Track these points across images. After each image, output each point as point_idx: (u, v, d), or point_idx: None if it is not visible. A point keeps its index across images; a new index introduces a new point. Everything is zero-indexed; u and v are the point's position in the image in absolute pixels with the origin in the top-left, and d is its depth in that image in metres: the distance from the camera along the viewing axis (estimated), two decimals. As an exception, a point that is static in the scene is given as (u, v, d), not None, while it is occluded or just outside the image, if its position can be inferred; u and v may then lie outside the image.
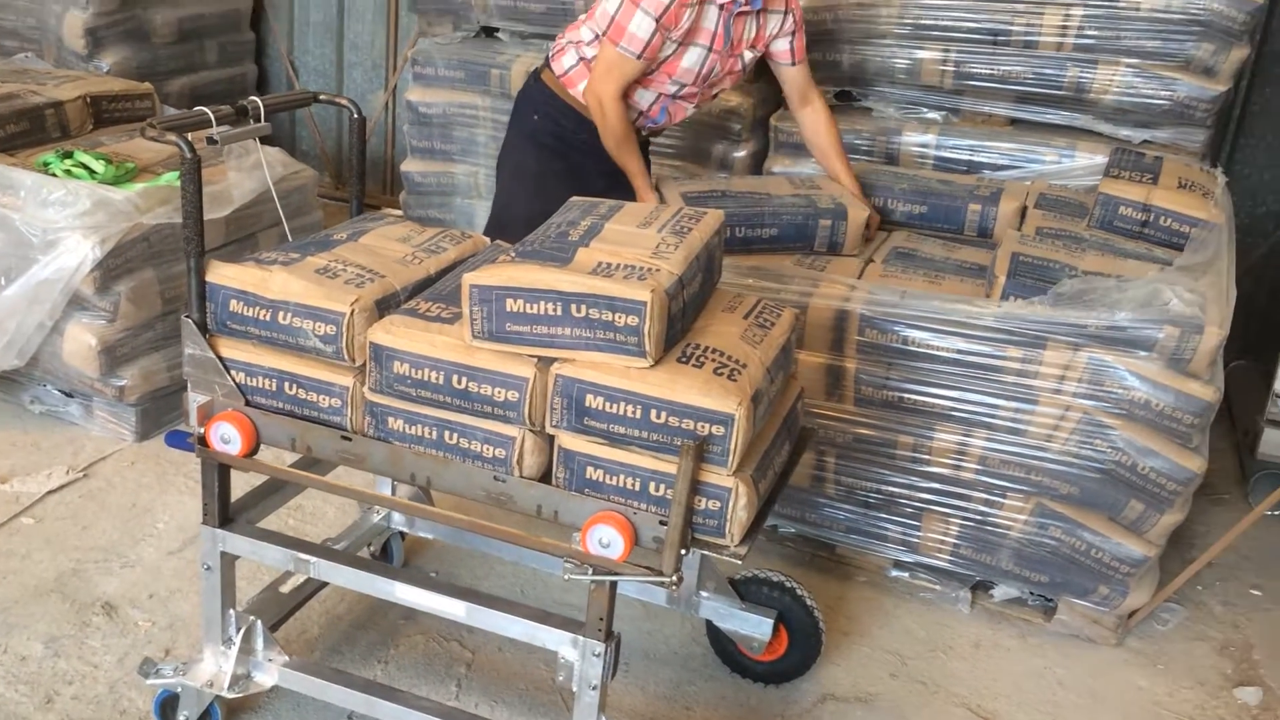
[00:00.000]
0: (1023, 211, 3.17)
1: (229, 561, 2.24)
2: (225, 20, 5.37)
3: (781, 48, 3.11)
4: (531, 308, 1.85)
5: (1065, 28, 3.41)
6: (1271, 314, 4.20)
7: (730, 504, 1.85)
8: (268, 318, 2.01)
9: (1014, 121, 3.64)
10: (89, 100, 3.80)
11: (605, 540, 1.87)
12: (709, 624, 2.57)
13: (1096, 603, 2.74)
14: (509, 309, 1.86)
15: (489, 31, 4.37)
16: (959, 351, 2.65)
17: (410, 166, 4.51)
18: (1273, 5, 4.17)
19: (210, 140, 2.12)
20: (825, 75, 3.74)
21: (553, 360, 1.88)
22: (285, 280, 2.00)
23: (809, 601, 2.47)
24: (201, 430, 2.11)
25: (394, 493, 2.60)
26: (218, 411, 2.10)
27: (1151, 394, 2.53)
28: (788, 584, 2.48)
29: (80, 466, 3.23)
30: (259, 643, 2.26)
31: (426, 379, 1.92)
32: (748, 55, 3.05)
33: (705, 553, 1.94)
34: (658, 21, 2.80)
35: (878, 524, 2.90)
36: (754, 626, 2.44)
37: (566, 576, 1.93)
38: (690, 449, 1.78)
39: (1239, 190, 4.39)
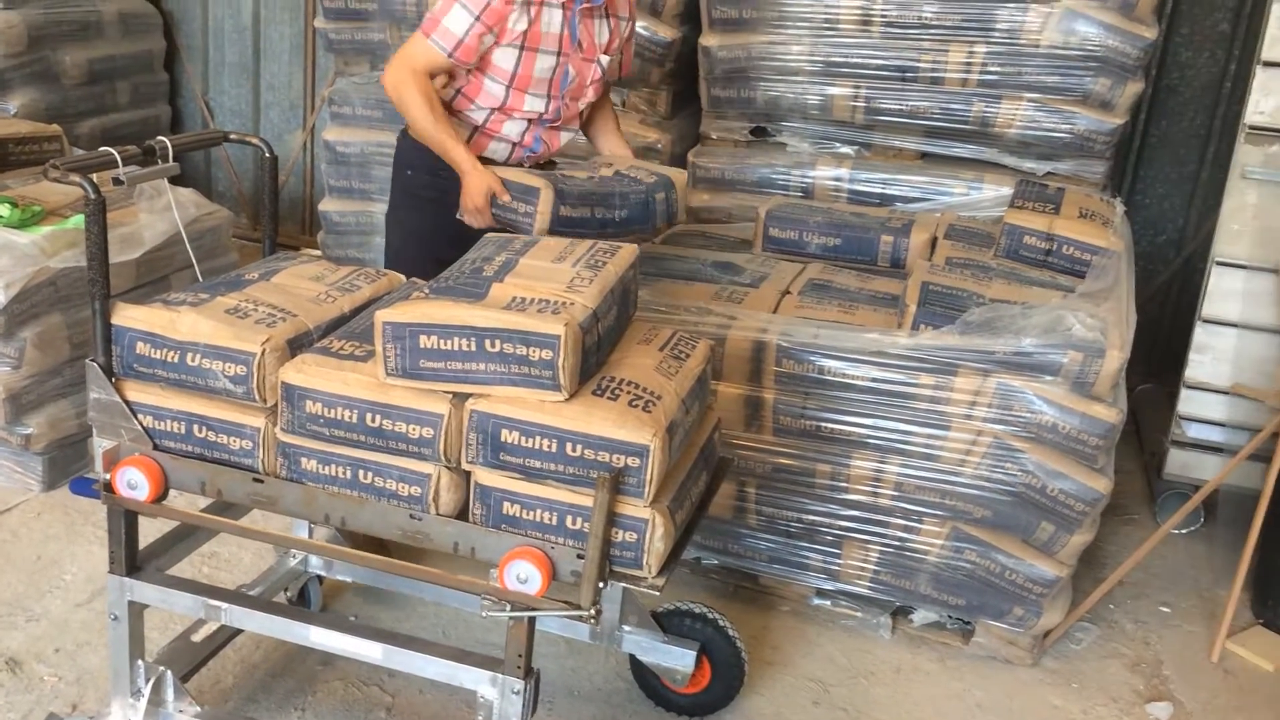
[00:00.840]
0: (933, 242, 3.25)
1: (137, 611, 2.19)
2: (138, 61, 5.30)
3: (611, 65, 2.95)
4: (445, 344, 1.85)
5: (969, 64, 3.51)
6: (1175, 339, 4.34)
7: (647, 535, 1.85)
8: (176, 359, 1.98)
9: (924, 155, 3.74)
10: (-7, 143, 3.71)
11: (523, 576, 1.87)
12: (632, 658, 2.56)
13: (1012, 624, 2.79)
14: (422, 345, 1.86)
15: (406, 71, 4.36)
16: (873, 380, 2.70)
17: (328, 206, 4.47)
18: (1166, 42, 4.36)
19: (116, 181, 2.10)
20: (740, 111, 3.81)
21: (468, 396, 1.88)
22: (194, 321, 1.98)
23: (731, 632, 2.48)
24: (107, 476, 2.06)
25: (310, 535, 2.56)
26: (124, 456, 2.06)
27: (1058, 417, 2.60)
28: (709, 615, 2.48)
29: (-16, 518, 3.13)
30: (169, 694, 2.21)
31: (340, 418, 1.90)
32: (605, 60, 2.87)
33: (626, 586, 1.94)
34: (477, 19, 2.63)
35: (799, 553, 2.92)
36: (676, 659, 2.44)
37: (484, 614, 1.92)
38: (606, 481, 1.79)
39: (1140, 220, 4.55)
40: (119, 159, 2.10)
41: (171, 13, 5.59)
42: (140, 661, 2.20)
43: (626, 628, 2.43)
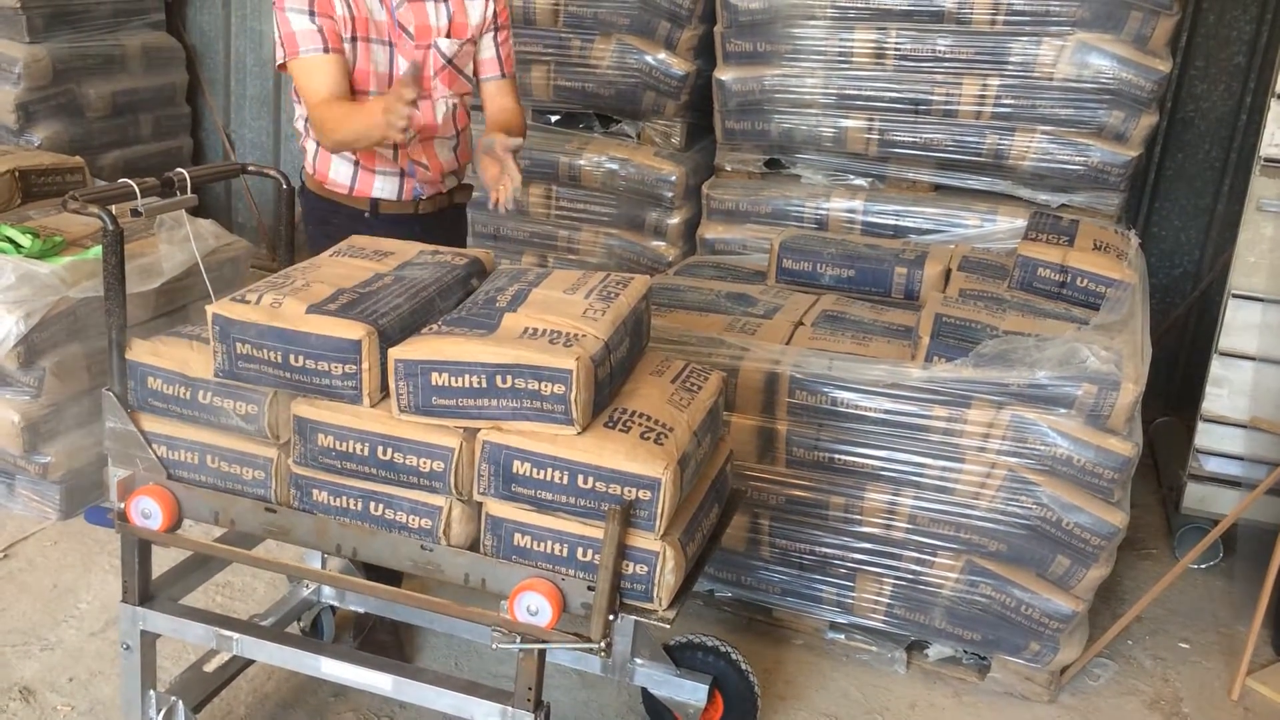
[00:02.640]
0: (947, 274, 3.25)
1: (149, 640, 2.19)
2: (160, 94, 5.37)
3: (488, 55, 2.71)
4: (456, 381, 1.85)
5: (983, 97, 3.53)
6: (1192, 372, 4.32)
7: (658, 568, 1.85)
8: (188, 396, 2.00)
9: (938, 187, 3.75)
10: (17, 174, 3.76)
11: (533, 608, 1.86)
12: (645, 691, 2.55)
13: (1028, 659, 2.76)
14: (434, 383, 1.86)
15: (424, 103, 4.41)
16: (886, 412, 2.69)
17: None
18: (1181, 75, 4.36)
19: (134, 212, 2.12)
20: (754, 143, 3.83)
21: (479, 428, 1.88)
22: (209, 359, 1.98)
23: (744, 666, 2.46)
24: (122, 505, 2.07)
25: (324, 566, 2.57)
26: (139, 486, 2.07)
27: (1073, 450, 2.59)
28: (722, 649, 2.47)
29: (1, 547, 3.15)
30: None
31: (351, 451, 1.91)
32: (446, 44, 2.59)
33: (637, 619, 1.92)
34: (312, 14, 2.44)
35: (813, 586, 2.91)
36: (689, 693, 2.42)
37: (495, 645, 1.92)
38: (616, 513, 1.78)
39: (1156, 252, 4.54)
40: (137, 191, 2.12)
41: (194, 47, 5.67)
42: (152, 691, 2.20)
43: (639, 660, 2.42)
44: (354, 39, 2.50)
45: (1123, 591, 3.30)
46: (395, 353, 1.87)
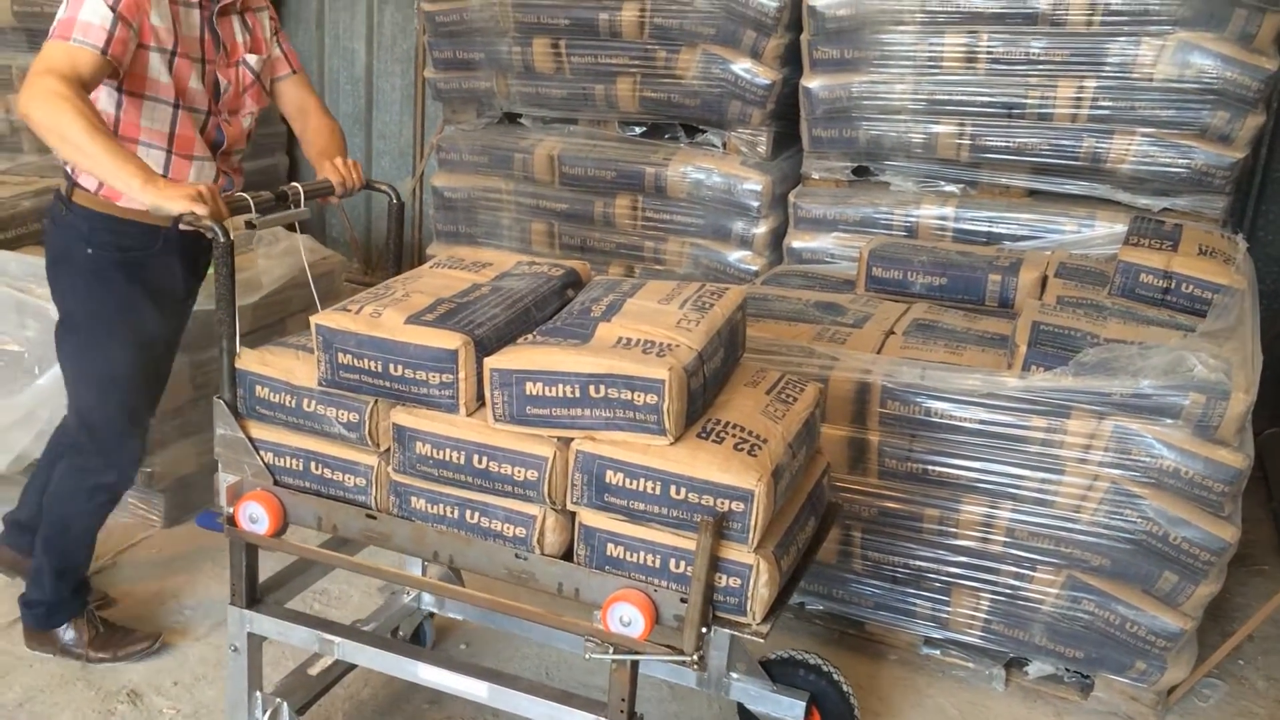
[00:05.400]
0: (1043, 281, 3.17)
1: (256, 643, 2.26)
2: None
3: (276, 55, 2.67)
4: (550, 391, 1.86)
5: (1079, 99, 3.44)
6: (1304, 379, 4.14)
7: (751, 581, 1.83)
8: (293, 404, 2.05)
9: (1032, 192, 3.67)
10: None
11: (626, 619, 1.86)
12: (740, 707, 2.51)
13: (1134, 679, 2.67)
14: (529, 392, 1.87)
15: (511, 118, 4.47)
16: (982, 422, 2.63)
17: (436, 250, 4.58)
18: (1288, 73, 4.20)
19: (249, 224, 2.19)
20: (841, 151, 3.79)
21: (572, 438, 1.88)
22: (313, 369, 2.03)
23: (844, 685, 2.41)
24: (230, 510, 2.14)
25: (424, 573, 2.60)
26: (246, 491, 2.13)
27: (1180, 462, 2.50)
28: (822, 666, 2.41)
29: (109, 554, 3.25)
30: None
31: (448, 459, 1.93)
32: (252, 60, 2.55)
33: (731, 632, 1.91)
34: (114, 8, 2.23)
35: (906, 600, 2.85)
36: (785, 709, 2.36)
37: (588, 655, 1.92)
38: (709, 525, 1.77)
39: (1263, 257, 4.37)
40: (252, 204, 2.20)
41: (289, 67, 5.82)
42: (259, 693, 2.26)
43: (734, 675, 2.38)
44: (172, 53, 2.37)
45: (1233, 609, 3.18)
46: (490, 362, 1.89)
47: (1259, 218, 4.42)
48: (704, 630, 1.84)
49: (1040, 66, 3.43)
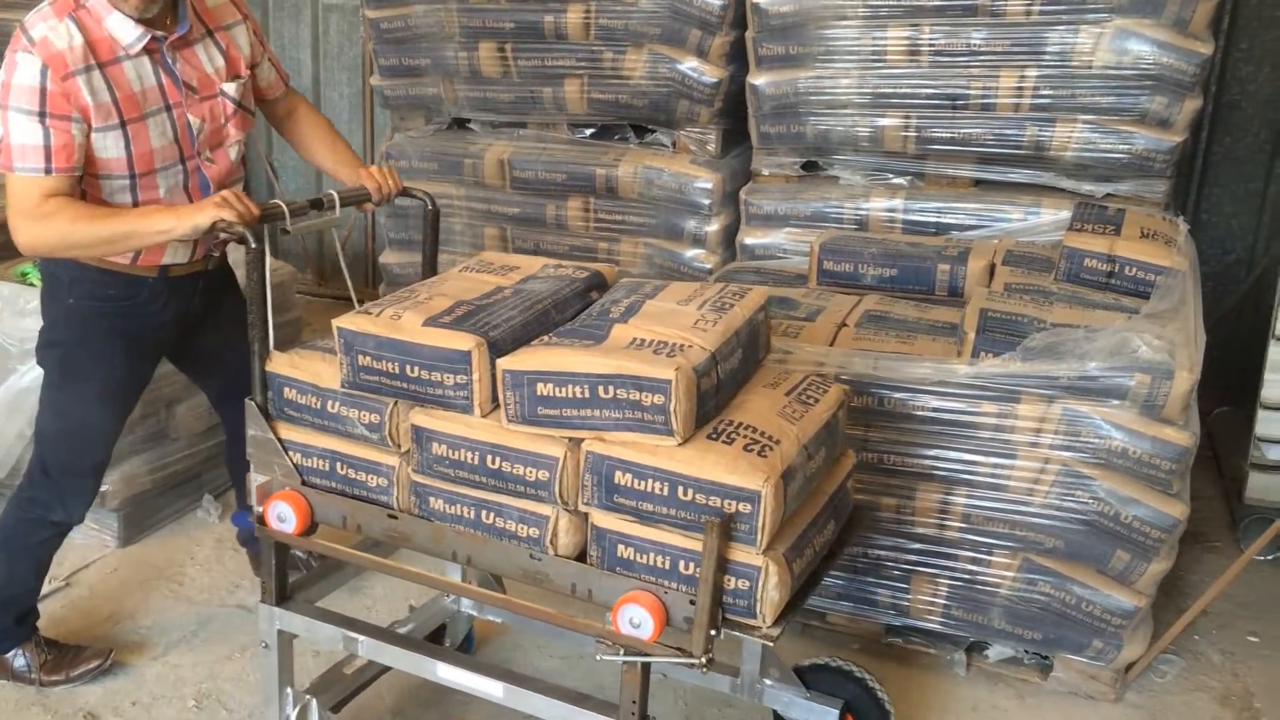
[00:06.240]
0: (991, 269, 3.20)
1: (286, 640, 2.30)
2: (204, 126, 5.46)
3: (271, 78, 2.63)
4: (561, 391, 1.86)
5: (1021, 89, 3.48)
6: (1250, 360, 4.21)
7: (760, 583, 1.81)
8: (319, 406, 2.08)
9: (978, 182, 3.70)
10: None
11: (635, 620, 1.84)
12: (775, 714, 2.47)
13: (1092, 658, 2.70)
14: (540, 393, 1.88)
15: (460, 123, 4.45)
16: (935, 410, 2.65)
17: (389, 259, 4.56)
18: (1225, 58, 4.28)
19: (283, 230, 2.24)
20: (790, 146, 3.81)
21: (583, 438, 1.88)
22: (336, 370, 2.06)
23: (880, 692, 2.37)
24: (260, 509, 2.17)
25: (464, 577, 2.56)
26: (275, 491, 2.17)
27: (1128, 442, 2.53)
28: (856, 673, 2.38)
29: (62, 575, 3.20)
30: None
31: (463, 459, 1.95)
32: (230, 88, 2.42)
33: (742, 635, 1.88)
34: (42, 115, 2.12)
35: (867, 589, 2.87)
36: (819, 716, 2.33)
37: (598, 656, 1.92)
38: (715, 526, 1.75)
39: (1208, 239, 4.45)
40: (286, 210, 2.23)
41: (235, 79, 5.77)
42: (289, 689, 2.30)
43: (768, 681, 2.35)
44: (121, 124, 2.22)
45: (1187, 586, 3.23)
46: (503, 363, 1.91)
47: (1202, 200, 4.49)
48: (713, 632, 1.82)
49: (982, 57, 3.47)
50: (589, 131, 4.28)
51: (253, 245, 2.09)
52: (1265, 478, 3.41)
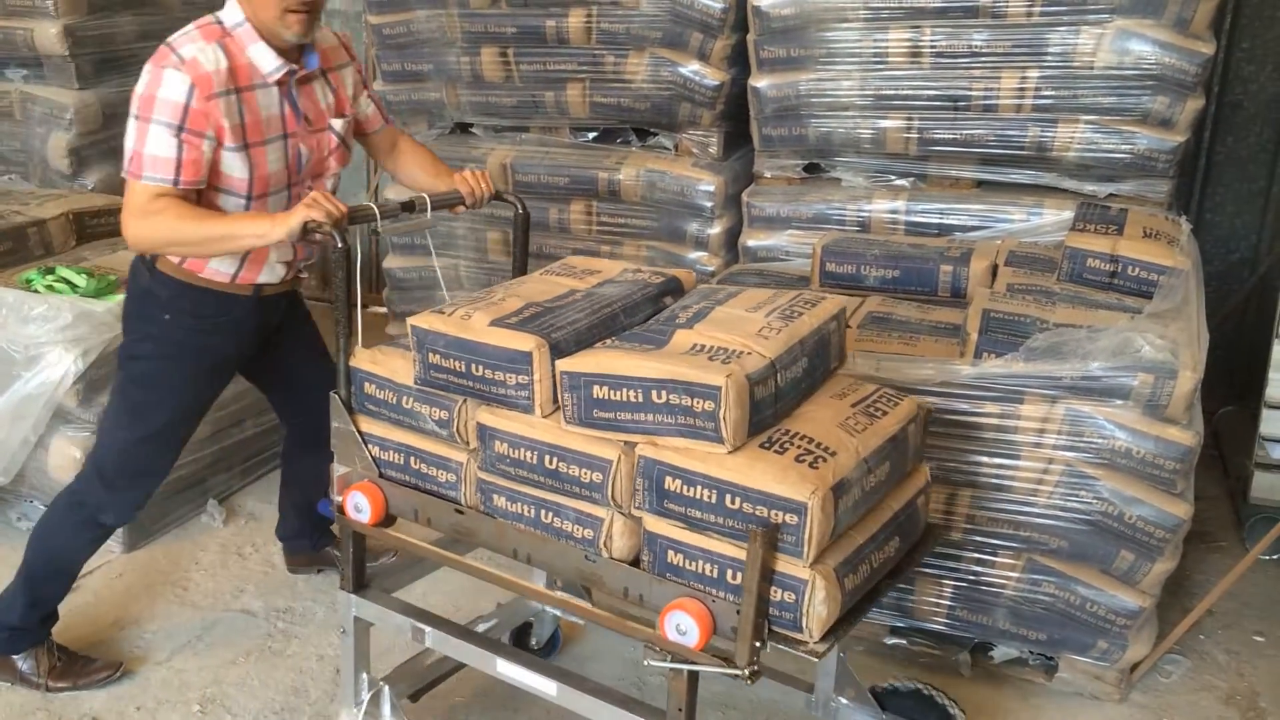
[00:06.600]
0: (994, 270, 3.20)
1: (363, 627, 2.34)
2: (207, 132, 5.47)
3: (369, 112, 2.74)
4: (616, 395, 1.87)
5: (1023, 90, 3.48)
6: (1255, 359, 4.21)
7: (806, 597, 1.77)
8: (395, 401, 2.13)
9: (981, 183, 3.70)
10: (71, 217, 3.86)
11: (682, 627, 1.83)
12: None
13: (1096, 658, 2.70)
14: (596, 396, 1.89)
15: (463, 127, 4.46)
16: (937, 411, 2.65)
17: (392, 263, 4.56)
18: (1227, 58, 4.28)
19: (373, 231, 2.32)
20: (792, 149, 3.81)
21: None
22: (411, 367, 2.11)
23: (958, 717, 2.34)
24: (340, 499, 2.24)
25: (548, 578, 2.55)
26: (353, 482, 2.22)
27: (1131, 442, 2.53)
28: (937, 699, 2.35)
29: (68, 580, 3.20)
30: (386, 708, 2.35)
31: (523, 458, 1.97)
32: (339, 124, 2.58)
33: (785, 648, 1.84)
34: (181, 130, 2.27)
35: (871, 590, 2.87)
36: None
37: (646, 661, 1.90)
38: (759, 535, 1.73)
39: (1211, 239, 4.45)
40: (377, 212, 2.32)
41: (238, 85, 5.78)
42: (364, 675, 2.35)
43: (842, 699, 2.32)
44: (244, 146, 2.36)
45: (1193, 586, 3.22)
46: (561, 364, 1.92)
47: (1205, 200, 4.49)
48: (758, 644, 1.79)
49: (983, 58, 3.47)
50: (591, 135, 4.28)
51: (339, 245, 2.17)
52: (1270, 477, 3.41)
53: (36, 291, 3.31)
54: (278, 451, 3.90)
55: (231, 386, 3.75)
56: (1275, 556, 3.41)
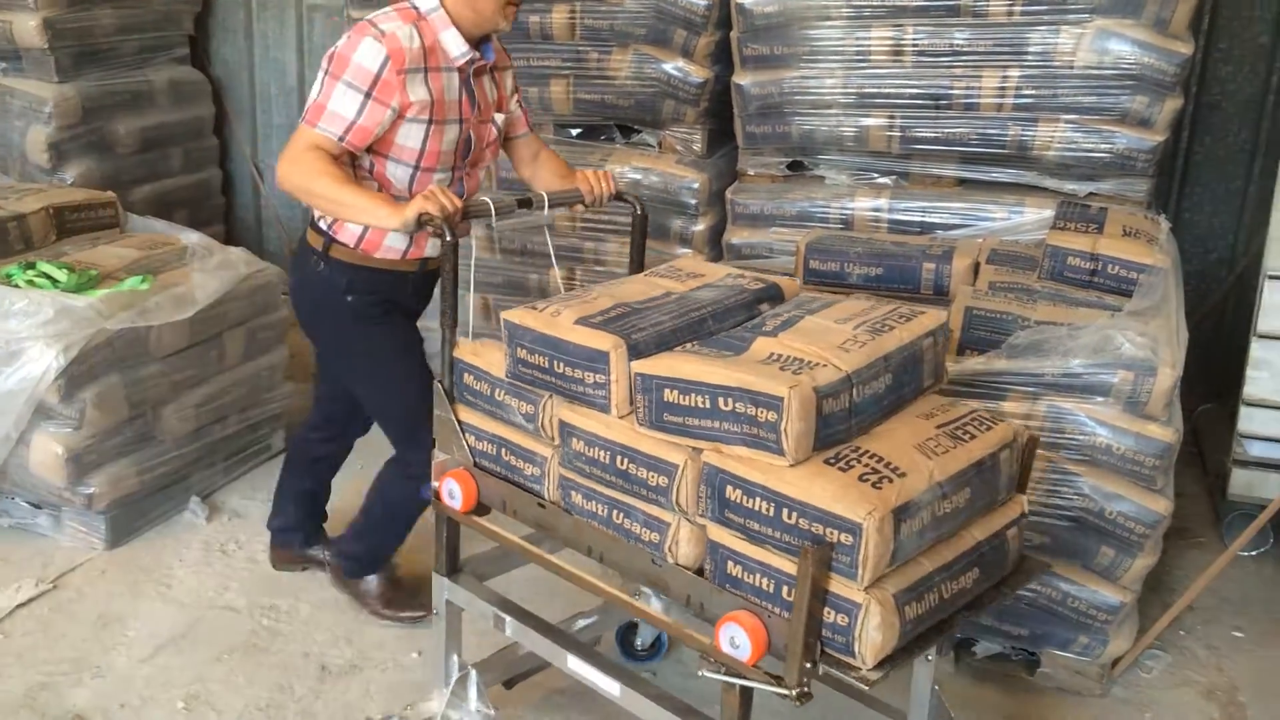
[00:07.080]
0: (976, 267, 3.22)
1: (454, 611, 2.38)
2: (188, 127, 5.45)
3: (516, 115, 2.84)
4: (685, 400, 1.86)
5: (1004, 89, 3.50)
6: (1233, 357, 4.25)
7: (860, 621, 1.70)
8: (489, 393, 2.16)
9: (962, 182, 3.72)
10: (52, 211, 3.83)
11: (736, 640, 1.80)
12: None
13: (1078, 653, 2.73)
14: (666, 399, 1.88)
15: (446, 124, 4.45)
16: (921, 408, 2.67)
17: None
18: (1205, 58, 4.32)
19: (489, 226, 2.33)
20: (775, 146, 3.83)
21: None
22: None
23: None
24: (436, 485, 2.28)
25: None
26: (449, 469, 2.26)
27: (1112, 438, 2.56)
28: None
29: (50, 578, 3.19)
30: (472, 693, 2.38)
31: (596, 457, 1.98)
32: (499, 119, 2.71)
33: (838, 673, 1.77)
34: (368, 96, 2.41)
35: (854, 586, 2.88)
36: None
37: (700, 672, 1.87)
38: (810, 552, 1.67)
39: (1190, 238, 4.49)
40: (492, 208, 2.36)
41: (219, 79, 5.75)
42: (455, 656, 2.40)
43: None
44: (430, 121, 2.51)
45: (1173, 582, 3.26)
46: (636, 366, 1.92)
47: (1184, 199, 4.53)
48: (808, 664, 1.73)
49: (964, 57, 3.49)
50: (575, 132, 4.28)
51: (447, 239, 2.21)
52: (1248, 474, 3.44)
53: (17, 286, 3.29)
54: (262, 448, 3.91)
55: (213, 382, 3.73)
56: (1254, 552, 3.45)
